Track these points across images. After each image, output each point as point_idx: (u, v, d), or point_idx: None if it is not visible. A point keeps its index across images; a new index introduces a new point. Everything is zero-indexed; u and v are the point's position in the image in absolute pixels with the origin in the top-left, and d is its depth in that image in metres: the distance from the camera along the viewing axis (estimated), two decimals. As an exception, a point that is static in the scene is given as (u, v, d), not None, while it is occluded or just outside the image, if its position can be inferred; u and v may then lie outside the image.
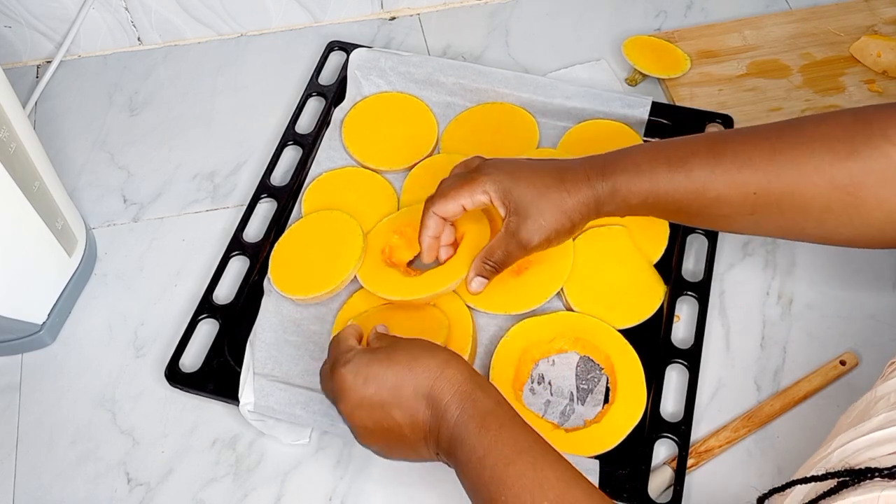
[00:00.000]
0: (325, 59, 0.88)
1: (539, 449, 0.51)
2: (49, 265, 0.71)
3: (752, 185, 0.57)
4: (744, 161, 0.58)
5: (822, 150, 0.55)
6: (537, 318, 0.69)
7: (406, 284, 0.69)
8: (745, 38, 0.88)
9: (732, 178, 0.58)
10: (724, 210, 0.59)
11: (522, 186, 0.61)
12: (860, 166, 0.54)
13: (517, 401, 0.65)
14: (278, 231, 0.75)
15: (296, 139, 0.82)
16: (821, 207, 0.56)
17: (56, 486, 0.66)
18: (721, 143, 0.60)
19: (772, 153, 0.57)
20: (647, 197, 0.60)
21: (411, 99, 0.83)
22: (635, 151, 0.62)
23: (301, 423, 0.65)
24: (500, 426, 0.52)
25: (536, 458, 0.51)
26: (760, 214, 0.59)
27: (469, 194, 0.62)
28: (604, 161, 0.62)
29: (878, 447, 0.44)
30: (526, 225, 0.61)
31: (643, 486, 0.61)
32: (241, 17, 0.92)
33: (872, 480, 0.42)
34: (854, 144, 0.55)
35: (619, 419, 0.64)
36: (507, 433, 0.52)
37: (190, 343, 0.70)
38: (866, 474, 0.42)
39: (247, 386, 0.65)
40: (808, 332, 0.70)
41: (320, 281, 0.70)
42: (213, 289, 0.72)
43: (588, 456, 0.62)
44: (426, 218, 0.65)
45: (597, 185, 0.61)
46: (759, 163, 0.57)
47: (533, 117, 0.81)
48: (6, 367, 0.72)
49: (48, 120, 0.88)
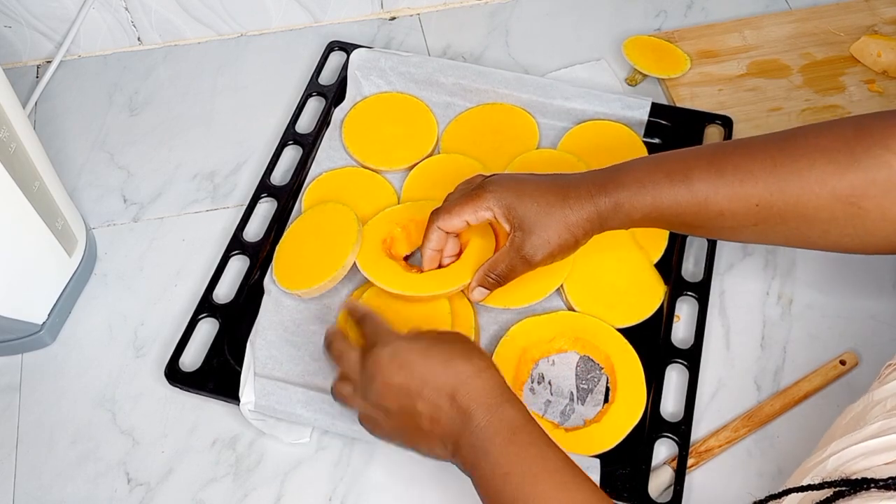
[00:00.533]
0: (325, 59, 0.88)
1: (569, 471, 0.51)
2: (49, 265, 0.71)
3: (754, 197, 0.57)
4: (745, 174, 0.58)
5: (824, 162, 0.55)
6: (537, 317, 0.69)
7: (406, 279, 0.69)
8: (745, 38, 0.88)
9: (734, 191, 0.58)
10: (727, 222, 0.59)
11: (526, 203, 0.62)
12: (861, 177, 0.54)
13: None
14: (279, 230, 0.75)
15: (296, 139, 0.82)
16: (824, 218, 0.56)
17: (56, 486, 0.66)
18: (722, 155, 0.60)
19: (773, 166, 0.57)
20: (650, 211, 0.60)
21: (411, 99, 0.83)
22: (636, 166, 0.62)
23: (302, 423, 0.65)
24: (528, 443, 0.52)
25: (565, 479, 0.51)
26: (764, 226, 0.59)
27: (473, 210, 0.63)
28: (606, 176, 0.62)
29: (874, 456, 0.44)
30: (530, 241, 0.62)
31: (643, 486, 0.61)
32: (241, 17, 0.92)
33: (868, 491, 0.41)
34: (855, 155, 0.54)
35: (619, 419, 0.64)
36: (535, 451, 0.52)
37: (190, 342, 0.70)
38: (862, 485, 0.42)
39: (247, 385, 0.65)
40: (808, 332, 0.70)
41: (321, 271, 0.70)
42: (213, 288, 0.72)
43: (588, 456, 0.62)
44: (430, 231, 0.66)
45: (599, 200, 0.61)
46: (761, 175, 0.57)
47: (533, 118, 0.81)
48: (6, 367, 0.72)
49: (48, 120, 0.88)
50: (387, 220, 0.73)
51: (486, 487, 0.52)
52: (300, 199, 0.77)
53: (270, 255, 0.74)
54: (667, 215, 0.60)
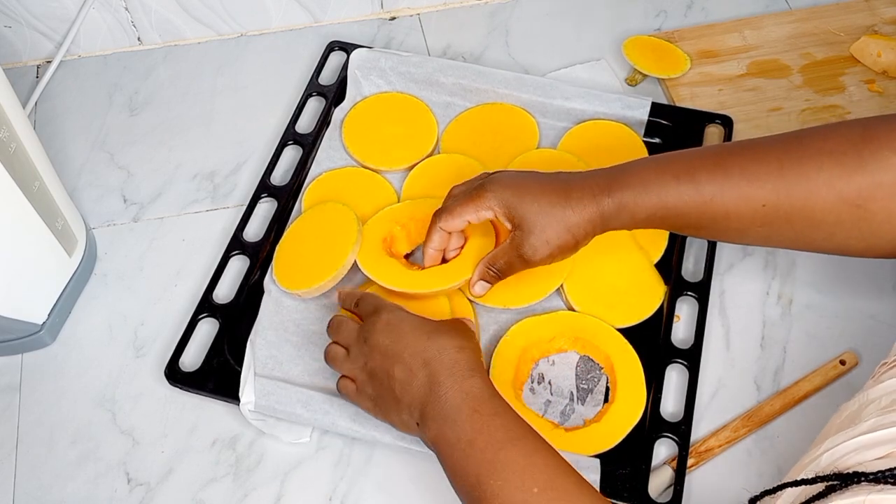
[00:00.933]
0: (326, 59, 0.88)
1: (531, 439, 0.53)
2: (49, 265, 0.71)
3: (761, 198, 0.57)
4: (752, 175, 0.58)
5: (831, 164, 0.55)
6: (537, 317, 0.69)
7: (407, 276, 0.69)
8: (745, 38, 0.88)
9: (741, 192, 0.58)
10: (733, 224, 0.59)
11: (527, 202, 0.62)
12: (868, 180, 0.54)
13: (517, 400, 0.65)
14: (279, 230, 0.75)
15: (296, 139, 0.82)
16: (831, 221, 0.56)
17: (56, 486, 0.66)
18: (727, 156, 0.60)
19: (780, 168, 0.57)
20: (656, 211, 0.60)
21: (411, 99, 0.83)
22: (641, 166, 0.62)
23: (302, 423, 0.65)
24: (493, 413, 0.54)
25: (527, 446, 0.52)
26: (770, 227, 0.59)
27: (474, 210, 0.63)
28: (609, 176, 0.62)
29: (865, 451, 0.44)
30: (529, 241, 0.62)
31: (643, 486, 0.61)
32: (241, 17, 0.92)
33: (859, 484, 0.42)
34: (862, 158, 0.54)
35: (619, 419, 0.64)
36: (500, 420, 0.53)
37: (190, 342, 0.70)
38: (853, 478, 0.42)
39: (247, 385, 0.65)
40: (808, 332, 0.70)
41: (321, 271, 0.70)
42: (213, 288, 0.72)
43: (588, 456, 0.62)
44: (432, 232, 0.66)
45: (602, 201, 0.61)
46: (768, 178, 0.57)
47: (533, 117, 0.81)
48: (6, 367, 0.72)
49: (48, 120, 0.88)
50: (387, 219, 0.73)
51: (451, 457, 0.53)
52: (300, 199, 0.77)
53: (270, 255, 0.74)
54: (672, 215, 0.60)
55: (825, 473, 0.45)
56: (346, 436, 0.65)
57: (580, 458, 0.61)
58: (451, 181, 0.69)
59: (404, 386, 0.56)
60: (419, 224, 0.72)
